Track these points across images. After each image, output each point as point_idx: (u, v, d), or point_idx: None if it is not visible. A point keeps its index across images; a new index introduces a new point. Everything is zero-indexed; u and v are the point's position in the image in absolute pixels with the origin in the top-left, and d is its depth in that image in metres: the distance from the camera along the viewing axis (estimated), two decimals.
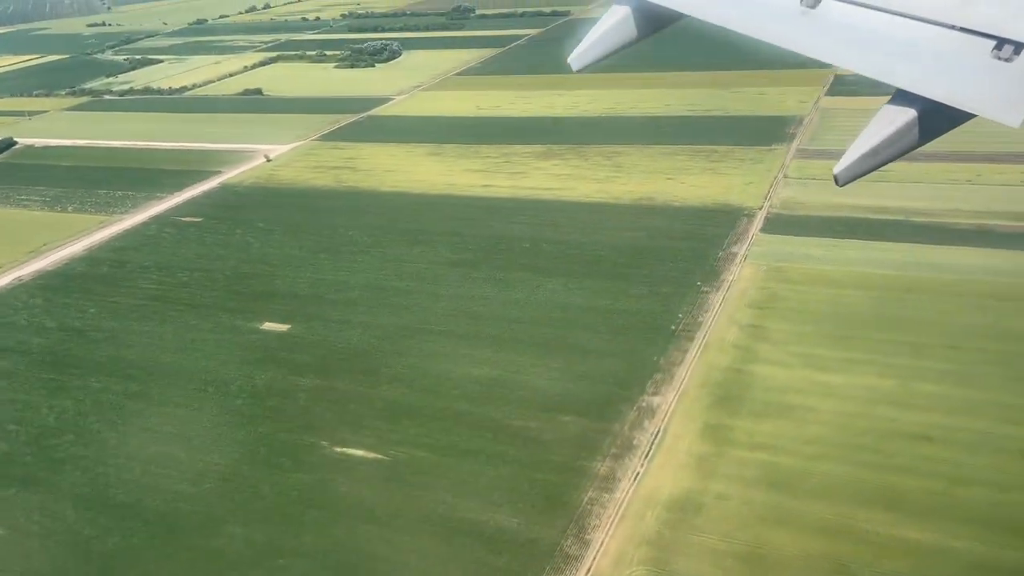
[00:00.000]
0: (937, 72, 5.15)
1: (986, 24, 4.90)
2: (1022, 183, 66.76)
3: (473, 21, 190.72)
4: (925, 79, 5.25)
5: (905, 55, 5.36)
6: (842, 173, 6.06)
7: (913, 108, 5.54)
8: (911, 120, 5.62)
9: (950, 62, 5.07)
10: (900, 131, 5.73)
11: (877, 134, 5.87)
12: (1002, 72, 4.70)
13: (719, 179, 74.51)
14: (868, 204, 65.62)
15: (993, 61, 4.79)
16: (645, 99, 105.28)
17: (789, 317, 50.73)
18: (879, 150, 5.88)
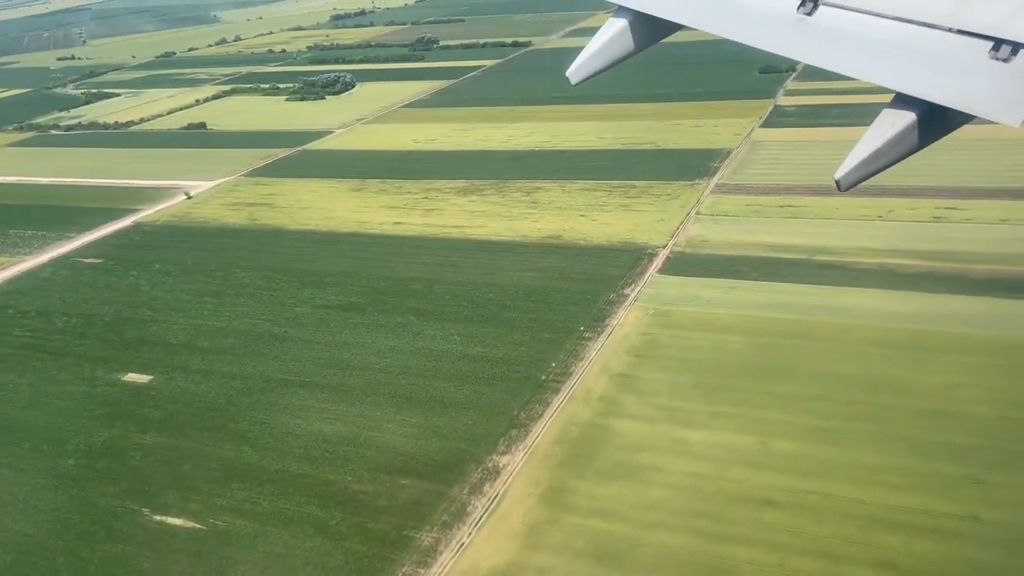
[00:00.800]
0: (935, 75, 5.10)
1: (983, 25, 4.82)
2: (932, 219, 64.77)
3: (435, 52, 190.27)
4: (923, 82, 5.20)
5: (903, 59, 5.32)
6: (844, 178, 5.95)
7: (912, 111, 5.45)
8: (911, 123, 5.52)
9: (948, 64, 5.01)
10: (900, 134, 5.64)
11: (878, 138, 5.77)
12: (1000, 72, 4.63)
13: (631, 216, 72.50)
14: (775, 242, 63.62)
15: (991, 62, 4.71)
16: (581, 132, 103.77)
17: (665, 366, 48.33)
18: (880, 154, 5.80)
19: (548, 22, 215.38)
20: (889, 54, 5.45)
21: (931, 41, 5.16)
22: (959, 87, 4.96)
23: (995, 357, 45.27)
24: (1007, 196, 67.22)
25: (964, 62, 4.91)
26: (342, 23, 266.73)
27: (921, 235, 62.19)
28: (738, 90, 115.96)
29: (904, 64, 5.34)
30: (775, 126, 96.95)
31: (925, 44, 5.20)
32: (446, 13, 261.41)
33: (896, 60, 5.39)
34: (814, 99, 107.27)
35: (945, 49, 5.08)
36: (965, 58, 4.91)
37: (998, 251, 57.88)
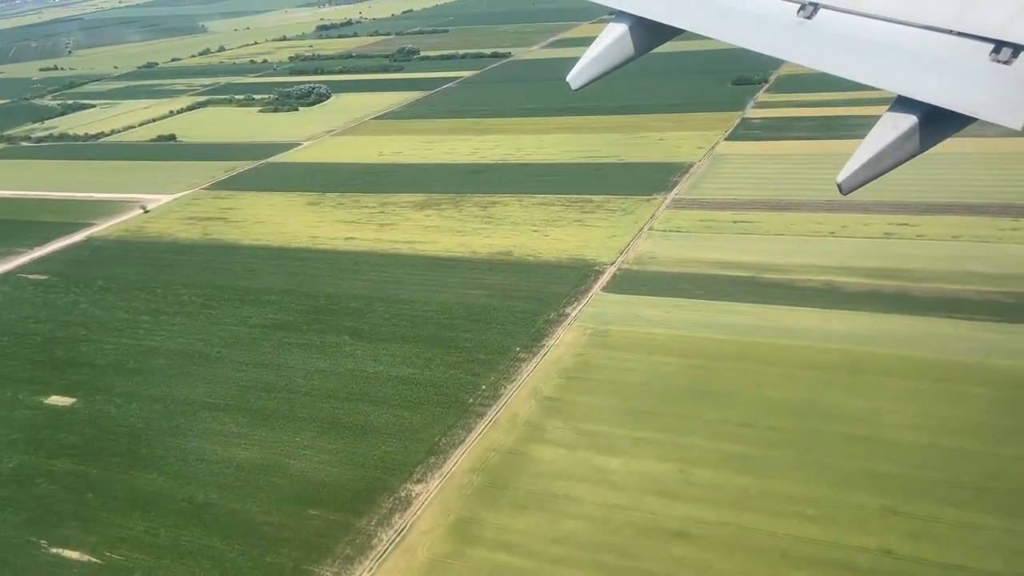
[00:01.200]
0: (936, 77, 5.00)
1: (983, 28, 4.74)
2: (884, 235, 63.75)
3: (415, 63, 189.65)
4: (925, 84, 5.07)
5: (904, 61, 5.20)
6: (845, 182, 5.77)
7: (914, 114, 5.27)
8: (913, 126, 5.32)
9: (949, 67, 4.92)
10: (902, 137, 5.43)
11: (880, 140, 5.53)
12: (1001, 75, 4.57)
13: (584, 232, 71.40)
14: (724, 259, 62.55)
15: (992, 64, 4.64)
16: (547, 145, 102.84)
17: (595, 389, 47.11)
18: (882, 156, 5.55)
19: (532, 33, 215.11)
20: (889, 57, 5.39)
21: (931, 44, 5.11)
22: (960, 89, 4.92)
23: (929, 381, 44.14)
24: (963, 211, 66.24)
25: (965, 64, 4.86)
26: (327, 34, 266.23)
27: (871, 252, 61.15)
28: (709, 102, 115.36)
29: (905, 67, 5.29)
30: (740, 139, 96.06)
31: (925, 47, 5.14)
32: (432, 23, 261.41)
33: (897, 63, 5.34)
34: (783, 111, 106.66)
35: (946, 52, 5.03)
36: (966, 61, 4.86)
37: (945, 269, 56.84)
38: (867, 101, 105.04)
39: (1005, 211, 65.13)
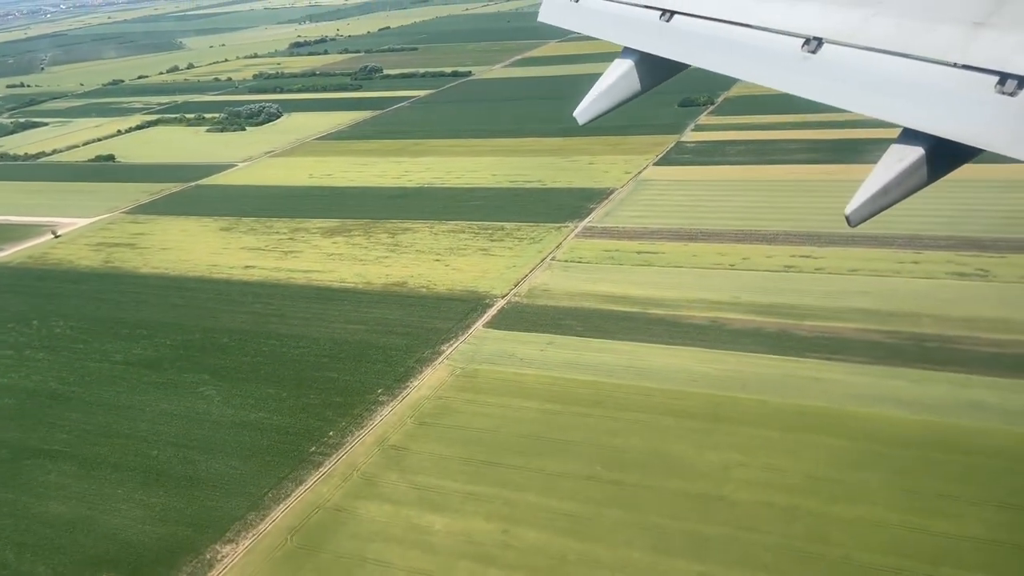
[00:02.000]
0: (942, 109, 4.91)
1: (988, 60, 4.68)
2: (784, 268, 61.58)
3: (376, 81, 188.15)
4: (930, 117, 5.02)
5: (909, 94, 5.12)
6: (853, 214, 5.57)
7: (920, 146, 5.25)
8: (919, 158, 5.29)
9: (954, 99, 4.84)
10: (909, 169, 5.35)
11: (886, 173, 5.44)
12: (1007, 107, 4.51)
13: (485, 262, 69.16)
14: (616, 293, 60.32)
15: (997, 96, 4.58)
16: (478, 168, 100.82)
17: (444, 436, 44.66)
18: (889, 189, 5.43)
19: (499, 51, 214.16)
20: (894, 89, 5.31)
21: (936, 76, 5.03)
22: (966, 121, 4.80)
23: (783, 430, 41.79)
24: (868, 243, 64.09)
25: (970, 96, 4.75)
26: (298, 51, 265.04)
27: (766, 286, 58.94)
28: (650, 124, 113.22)
29: (909, 99, 5.19)
30: (669, 164, 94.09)
31: (930, 79, 5.06)
32: (405, 41, 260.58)
33: (901, 95, 5.25)
34: (720, 135, 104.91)
35: (951, 84, 4.92)
36: (971, 93, 4.75)
37: (833, 306, 54.63)
38: (812, 124, 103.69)
39: (910, 243, 63.05)
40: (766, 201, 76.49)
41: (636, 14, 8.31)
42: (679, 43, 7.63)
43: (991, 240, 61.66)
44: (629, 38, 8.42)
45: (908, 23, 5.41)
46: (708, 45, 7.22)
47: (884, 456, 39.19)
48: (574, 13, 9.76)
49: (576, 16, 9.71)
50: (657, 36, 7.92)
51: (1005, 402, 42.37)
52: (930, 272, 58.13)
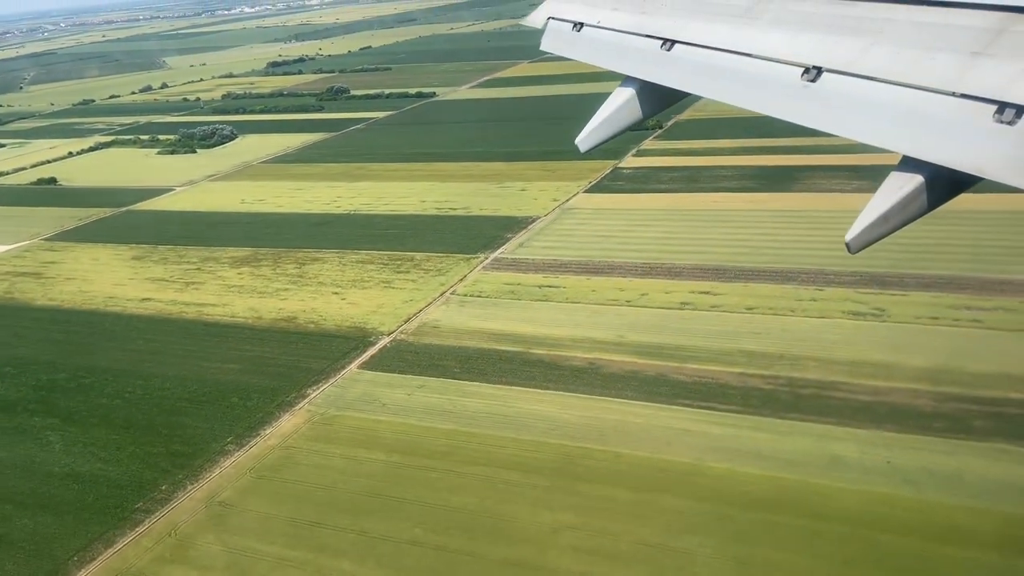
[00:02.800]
0: (941, 138, 4.99)
1: (986, 89, 4.76)
2: (680, 305, 59.11)
3: (340, 102, 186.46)
4: (929, 145, 5.08)
5: (908, 123, 5.19)
6: (853, 241, 5.61)
7: (920, 174, 5.32)
8: (919, 186, 5.34)
9: (953, 127, 4.92)
10: (908, 197, 5.39)
11: (886, 200, 5.48)
12: (1005, 135, 4.57)
13: (383, 295, 66.80)
14: (504, 331, 57.85)
15: (995, 125, 4.63)
16: (410, 193, 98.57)
17: (278, 492, 42.05)
18: (889, 216, 5.47)
19: (471, 71, 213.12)
20: (893, 118, 5.30)
21: (935, 105, 5.05)
22: (964, 150, 4.85)
23: (630, 489, 39.19)
24: (772, 278, 61.66)
25: (969, 125, 4.80)
26: (274, 71, 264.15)
27: (657, 325, 56.47)
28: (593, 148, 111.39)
29: (909, 127, 5.20)
30: (600, 191, 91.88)
31: (929, 108, 5.08)
32: (384, 60, 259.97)
33: (900, 124, 5.25)
34: (659, 160, 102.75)
35: (949, 113, 4.96)
36: (970, 121, 4.80)
37: (720, 347, 52.09)
38: (754, 150, 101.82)
39: (814, 279, 60.66)
40: (683, 232, 74.17)
41: (637, 43, 8.42)
42: (680, 72, 7.72)
43: (896, 276, 59.19)
44: (630, 67, 8.52)
45: (907, 52, 5.45)
46: (708, 74, 7.28)
47: (725, 519, 36.57)
48: (575, 42, 9.75)
49: (577, 45, 9.68)
50: (658, 65, 8.00)
51: (865, 457, 39.78)
52: (826, 311, 55.65)
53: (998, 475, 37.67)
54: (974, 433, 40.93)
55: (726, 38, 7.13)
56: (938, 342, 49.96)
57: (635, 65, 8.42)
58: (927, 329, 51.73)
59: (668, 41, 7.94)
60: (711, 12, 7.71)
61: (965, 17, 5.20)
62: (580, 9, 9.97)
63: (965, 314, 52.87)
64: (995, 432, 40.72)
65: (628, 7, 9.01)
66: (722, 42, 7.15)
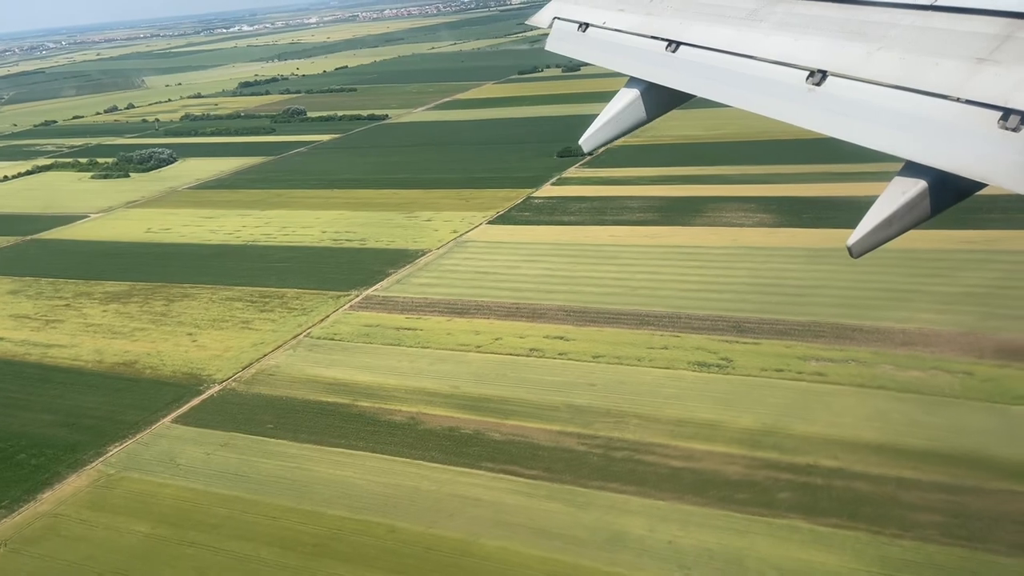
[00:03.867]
0: (945, 143, 4.98)
1: (991, 95, 4.71)
2: (528, 351, 55.52)
3: (293, 125, 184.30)
4: (933, 150, 5.07)
5: (912, 127, 5.18)
6: (856, 245, 5.58)
7: (923, 179, 5.31)
8: (922, 191, 5.34)
9: (957, 133, 4.89)
10: (911, 202, 5.40)
11: (889, 205, 5.47)
12: (1009, 142, 4.56)
13: (235, 337, 63.58)
14: (341, 379, 54.56)
15: (1000, 131, 4.60)
16: (316, 223, 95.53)
17: (22, 570, 38.67)
18: (892, 221, 5.47)
19: (434, 92, 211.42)
20: (898, 123, 5.29)
21: (939, 110, 5.03)
22: (968, 155, 4.84)
23: (392, 572, 35.75)
24: (630, 322, 58.17)
25: (973, 131, 4.79)
26: (243, 91, 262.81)
27: (497, 374, 53.05)
28: (514, 176, 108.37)
29: (913, 132, 5.19)
30: (505, 222, 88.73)
31: (933, 113, 5.07)
32: (357, 81, 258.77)
33: (904, 129, 5.23)
34: (575, 190, 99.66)
35: (953, 118, 4.93)
36: (974, 127, 4.79)
37: (551, 400, 48.64)
38: (675, 179, 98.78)
39: (672, 323, 57.32)
40: (565, 269, 70.87)
41: (642, 44, 8.42)
42: (684, 74, 7.72)
43: (755, 321, 55.84)
44: (635, 68, 8.52)
45: (912, 57, 5.43)
46: (713, 76, 7.25)
47: None
48: (581, 42, 9.74)
49: (583, 45, 9.72)
50: (663, 66, 7.99)
51: (649, 536, 36.30)
52: (673, 361, 52.21)
53: (778, 558, 34.16)
54: (774, 508, 37.44)
55: (731, 40, 7.14)
56: (774, 398, 46.49)
57: (640, 66, 8.45)
58: (768, 383, 48.28)
59: (673, 42, 7.94)
60: (716, 14, 7.73)
61: (971, 23, 5.23)
62: (586, 10, 9.97)
63: (812, 366, 49.46)
64: (795, 507, 37.22)
65: (634, 8, 9.09)
66: (727, 44, 7.15)
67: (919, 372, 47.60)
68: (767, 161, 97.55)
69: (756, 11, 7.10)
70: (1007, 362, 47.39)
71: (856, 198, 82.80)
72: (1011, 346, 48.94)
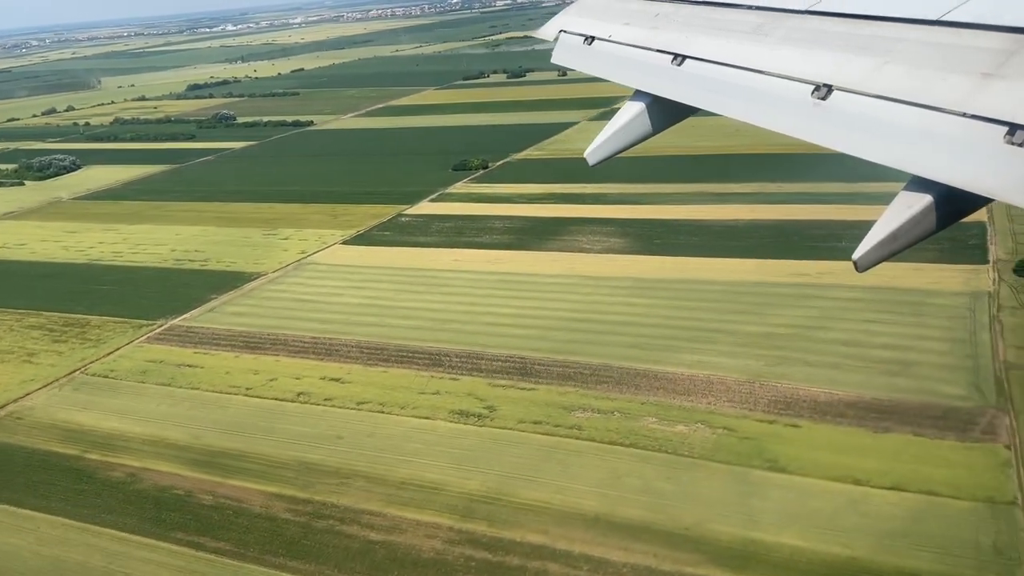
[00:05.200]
0: (951, 158, 4.98)
1: (998, 111, 4.70)
2: (295, 396, 51.09)
3: (219, 131, 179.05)
4: (939, 165, 5.07)
5: (918, 142, 5.16)
6: (861, 259, 5.55)
7: (929, 193, 5.34)
8: (928, 205, 5.36)
9: (963, 148, 4.88)
10: (917, 216, 5.41)
11: (895, 219, 5.50)
12: (1016, 157, 4.54)
13: (13, 371, 58.50)
14: (86, 426, 50.19)
15: (1006, 146, 4.59)
16: (170, 240, 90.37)
17: None
18: (897, 235, 5.47)
19: (375, 98, 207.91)
20: (903, 137, 5.25)
21: (945, 125, 4.98)
22: (974, 170, 4.81)
23: None
24: (419, 362, 53.95)
25: (979, 146, 4.74)
26: (188, 94, 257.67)
27: (247, 423, 48.49)
28: (398, 191, 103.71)
29: (919, 147, 5.15)
30: (361, 242, 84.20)
31: (940, 128, 5.02)
32: (302, 84, 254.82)
33: (910, 143, 5.19)
34: (449, 207, 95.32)
35: (959, 133, 4.89)
36: (980, 142, 4.74)
37: (283, 457, 44.19)
38: (555, 197, 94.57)
39: (463, 363, 52.95)
40: (388, 298, 66.43)
41: (647, 58, 8.39)
42: (690, 87, 7.70)
43: (546, 362, 51.68)
44: (640, 81, 8.47)
45: (919, 72, 5.42)
46: (718, 89, 7.24)
47: None
48: (586, 55, 9.64)
49: (588, 58, 9.57)
50: (668, 80, 7.95)
51: None
52: (436, 408, 47.90)
53: None
54: None
55: (737, 54, 7.12)
56: (515, 457, 42.25)
57: (645, 79, 8.40)
58: (518, 438, 44.04)
59: (679, 56, 7.92)
60: (722, 28, 7.75)
61: (977, 38, 5.20)
62: (592, 23, 10.00)
63: (574, 418, 45.23)
64: None
65: (639, 22, 9.14)
66: (732, 58, 7.13)
67: (683, 427, 43.52)
68: (650, 179, 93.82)
69: (762, 25, 7.18)
70: (776, 417, 43.40)
71: (717, 221, 79.16)
72: (786, 398, 44.94)
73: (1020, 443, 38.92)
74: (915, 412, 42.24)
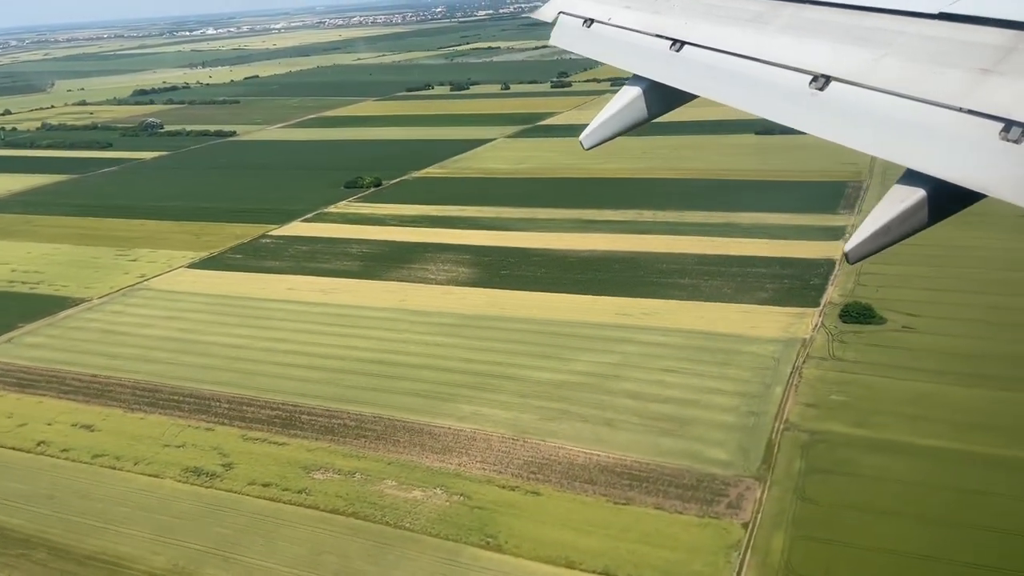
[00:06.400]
0: (945, 152, 4.99)
1: (993, 107, 4.70)
2: (36, 445, 46.83)
3: (140, 139, 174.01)
4: (933, 159, 5.08)
5: (913, 136, 5.18)
6: (853, 251, 5.55)
7: (922, 187, 5.32)
8: (921, 199, 5.35)
9: (958, 143, 4.90)
10: (910, 209, 5.39)
11: (887, 212, 5.46)
12: (1010, 153, 4.56)
13: None
14: None
15: (1001, 143, 4.60)
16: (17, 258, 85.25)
17: None
18: (890, 228, 5.43)
19: (312, 107, 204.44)
20: (899, 131, 5.28)
21: (941, 120, 5.00)
22: (968, 166, 4.83)
23: None
24: (187, 407, 49.48)
25: (974, 142, 4.77)
26: (131, 99, 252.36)
27: None
28: (276, 209, 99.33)
29: (914, 141, 5.17)
30: (207, 266, 79.51)
31: (935, 122, 5.03)
32: (249, 92, 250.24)
33: (906, 136, 5.22)
34: (317, 229, 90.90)
35: (955, 128, 4.92)
36: (975, 138, 4.76)
37: None
38: (438, 220, 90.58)
39: (230, 411, 48.53)
40: (198, 331, 61.83)
41: (646, 42, 8.29)
42: (687, 73, 7.62)
43: (318, 412, 47.35)
44: (638, 65, 8.33)
45: (916, 66, 5.39)
46: (716, 77, 7.16)
47: None
48: (585, 38, 9.52)
49: (586, 41, 9.49)
50: (666, 65, 7.88)
51: None
52: (170, 464, 43.18)
53: None
54: None
55: (736, 42, 7.03)
56: (220, 527, 37.78)
57: (643, 64, 8.26)
58: (238, 502, 39.56)
59: (678, 42, 7.82)
60: (722, 15, 7.67)
61: (977, 33, 5.13)
62: (592, 5, 9.82)
63: (309, 480, 40.85)
64: None
65: (640, 6, 8.97)
66: (731, 45, 7.03)
67: (420, 492, 39.32)
68: (533, 203, 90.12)
69: (762, 14, 7.12)
70: (521, 482, 39.28)
71: (573, 252, 74.76)
72: (541, 460, 40.84)
73: (761, 519, 35.05)
74: (668, 480, 38.27)
